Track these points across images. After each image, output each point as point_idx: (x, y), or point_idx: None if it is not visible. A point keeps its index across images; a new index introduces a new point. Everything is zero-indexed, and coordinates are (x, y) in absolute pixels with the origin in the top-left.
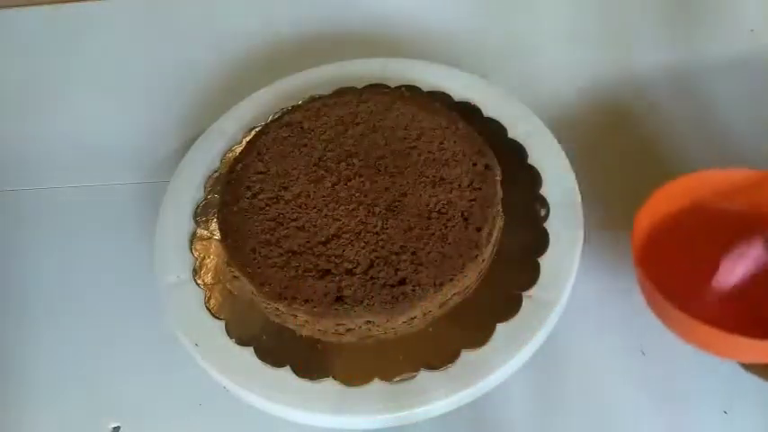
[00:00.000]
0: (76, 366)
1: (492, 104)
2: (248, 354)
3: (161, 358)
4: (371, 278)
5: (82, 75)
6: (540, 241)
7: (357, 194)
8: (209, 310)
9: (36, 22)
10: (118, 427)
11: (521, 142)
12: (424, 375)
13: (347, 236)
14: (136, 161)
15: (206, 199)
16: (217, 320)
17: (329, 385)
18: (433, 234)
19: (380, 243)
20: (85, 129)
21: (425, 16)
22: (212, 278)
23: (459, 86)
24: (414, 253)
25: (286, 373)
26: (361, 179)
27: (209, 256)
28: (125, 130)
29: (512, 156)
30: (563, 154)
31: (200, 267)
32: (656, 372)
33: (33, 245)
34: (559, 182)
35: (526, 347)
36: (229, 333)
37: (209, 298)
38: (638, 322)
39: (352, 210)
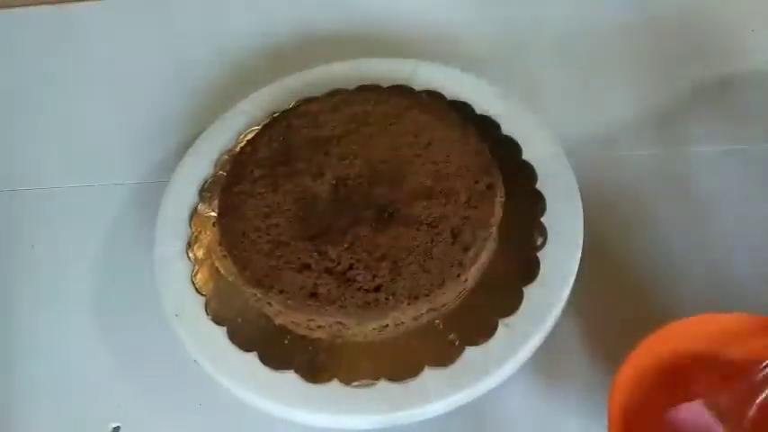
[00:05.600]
0: (76, 366)
1: (513, 122)
2: (221, 334)
3: (161, 358)
4: (348, 280)
5: (81, 75)
6: (530, 270)
7: (353, 195)
8: (194, 285)
9: (36, 22)
10: (118, 427)
11: (533, 165)
12: (382, 385)
13: (334, 234)
14: (136, 161)
15: (215, 176)
16: (198, 296)
17: (290, 378)
18: (418, 246)
19: (364, 247)
20: (85, 129)
21: (437, 17)
22: (204, 254)
23: (483, 99)
24: (394, 262)
25: (252, 358)
26: (360, 180)
27: (205, 232)
28: (125, 130)
29: (521, 178)
30: (575, 183)
31: (195, 241)
32: None
33: (33, 245)
34: (565, 212)
35: (491, 375)
36: (207, 310)
37: (197, 273)
38: None
39: (345, 209)
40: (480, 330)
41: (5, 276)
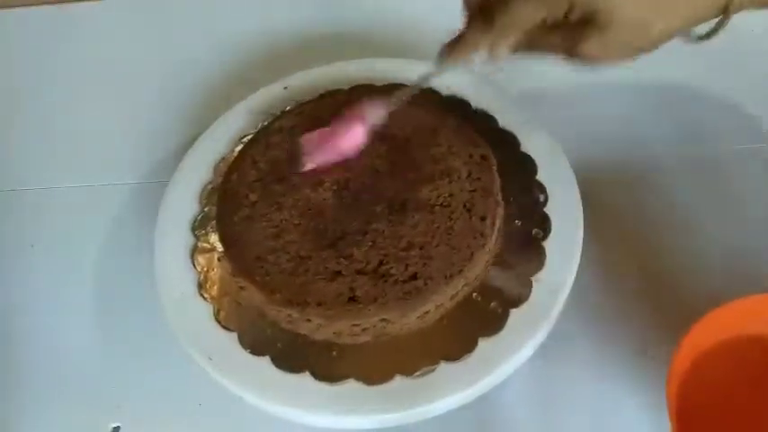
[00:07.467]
0: (77, 366)
1: (479, 96)
2: (265, 363)
3: (161, 358)
4: (382, 276)
5: (81, 75)
6: (543, 226)
7: (358, 194)
8: (220, 323)
9: (36, 22)
10: (118, 427)
11: (513, 131)
12: (443, 367)
13: (353, 236)
14: (136, 161)
15: (203, 212)
16: (228, 332)
17: (350, 386)
18: (439, 227)
19: (387, 241)
20: (85, 129)
21: (426, 17)
22: (219, 291)
23: (445, 82)
24: (422, 248)
25: (305, 379)
26: (360, 179)
27: (212, 269)
28: (125, 130)
29: (505, 145)
30: (554, 140)
31: (205, 281)
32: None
33: (33, 245)
34: (555, 167)
35: (541, 329)
36: (243, 344)
37: (219, 311)
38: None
39: (355, 210)
40: (517, 292)
41: (5, 276)
